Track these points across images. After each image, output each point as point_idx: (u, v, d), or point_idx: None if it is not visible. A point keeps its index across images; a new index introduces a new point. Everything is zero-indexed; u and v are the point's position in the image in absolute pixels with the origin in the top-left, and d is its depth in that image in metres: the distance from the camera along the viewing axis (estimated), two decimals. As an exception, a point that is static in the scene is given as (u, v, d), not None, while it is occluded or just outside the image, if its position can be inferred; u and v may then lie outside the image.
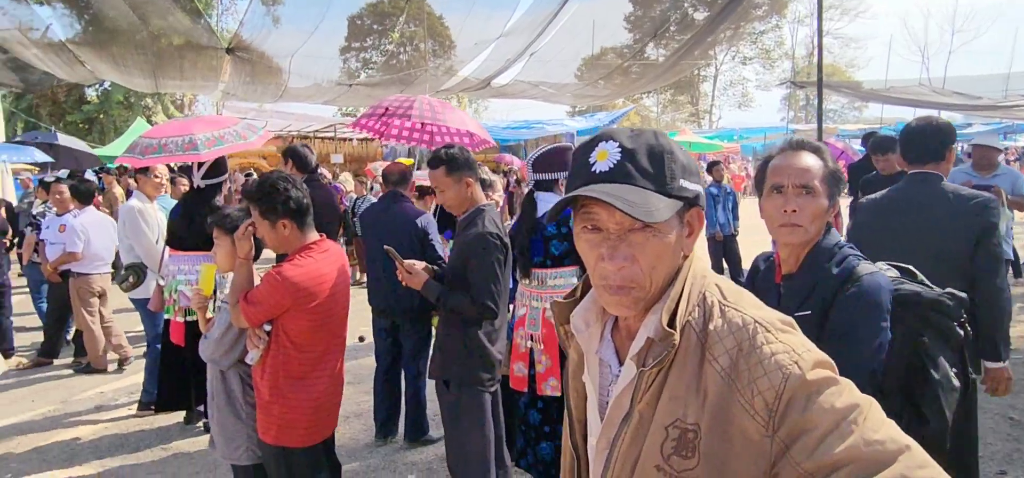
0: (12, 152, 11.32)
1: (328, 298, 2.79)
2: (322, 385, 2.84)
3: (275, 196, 2.75)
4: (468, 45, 13.91)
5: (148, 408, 5.49)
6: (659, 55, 18.06)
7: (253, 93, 16.20)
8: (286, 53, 13.26)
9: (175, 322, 4.96)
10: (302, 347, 2.77)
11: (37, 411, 5.78)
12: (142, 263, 5.36)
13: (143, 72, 13.41)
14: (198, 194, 5.09)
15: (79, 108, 32.33)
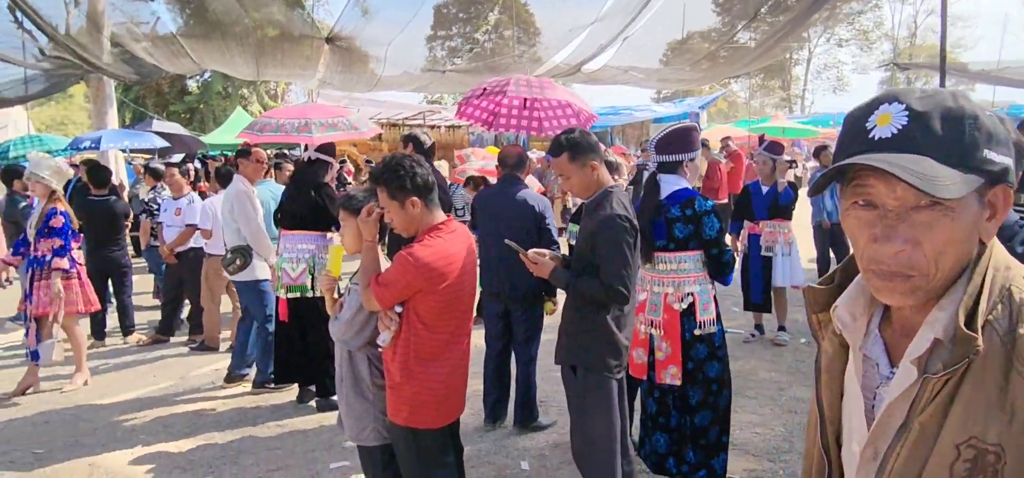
0: (132, 138, 11.89)
1: (457, 278, 2.76)
2: (451, 365, 2.82)
3: (402, 175, 2.73)
4: (561, 31, 13.74)
5: (263, 387, 5.67)
6: (749, 39, 17.45)
7: (348, 82, 16.52)
8: (380, 42, 13.44)
9: (281, 299, 5.13)
10: (433, 328, 2.75)
11: (158, 385, 6.05)
12: (247, 245, 5.52)
13: (245, 60, 13.85)
14: (308, 170, 5.20)
15: (181, 98, 33.91)
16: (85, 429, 5.01)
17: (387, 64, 14.92)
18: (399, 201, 2.76)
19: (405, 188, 2.74)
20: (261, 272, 5.67)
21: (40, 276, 5.76)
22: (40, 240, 5.78)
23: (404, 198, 2.76)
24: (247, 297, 5.78)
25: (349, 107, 20.47)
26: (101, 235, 7.29)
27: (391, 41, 13.34)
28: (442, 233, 2.78)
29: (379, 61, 14.34)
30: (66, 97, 32.90)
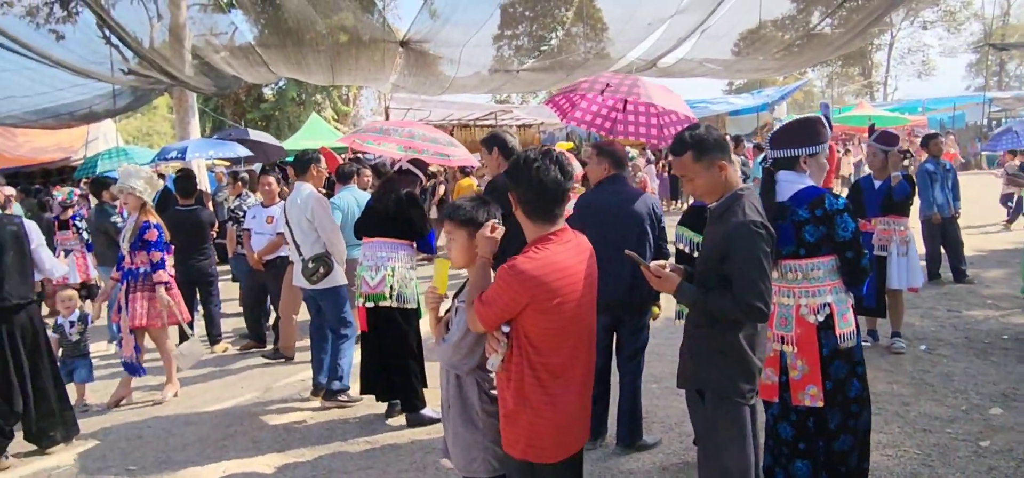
0: (216, 147, 12.09)
1: (571, 293, 2.46)
2: (571, 392, 2.52)
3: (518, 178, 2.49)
4: (639, 25, 13.30)
5: (336, 396, 5.50)
6: (824, 26, 16.58)
7: (422, 85, 16.48)
8: (454, 44, 13.29)
9: (360, 308, 4.99)
10: (545, 350, 2.46)
11: (245, 396, 5.98)
12: (327, 252, 5.37)
13: (320, 67, 13.94)
14: (398, 180, 5.05)
15: (258, 106, 34.77)
16: (176, 445, 4.95)
17: (460, 65, 14.79)
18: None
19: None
20: (342, 278, 5.53)
21: (135, 288, 5.76)
22: (134, 253, 5.79)
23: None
24: (329, 305, 5.61)
25: (422, 109, 20.56)
26: (188, 245, 7.32)
27: (466, 42, 13.19)
28: (552, 243, 2.50)
29: (452, 63, 14.21)
30: (151, 109, 34.16)
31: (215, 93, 20.68)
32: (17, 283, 4.69)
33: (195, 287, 7.46)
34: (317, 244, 5.41)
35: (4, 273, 4.62)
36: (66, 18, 14.67)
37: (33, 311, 4.83)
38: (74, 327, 5.91)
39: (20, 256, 4.73)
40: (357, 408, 5.42)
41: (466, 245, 2.70)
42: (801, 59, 19.62)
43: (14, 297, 4.67)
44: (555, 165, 2.47)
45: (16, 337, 4.69)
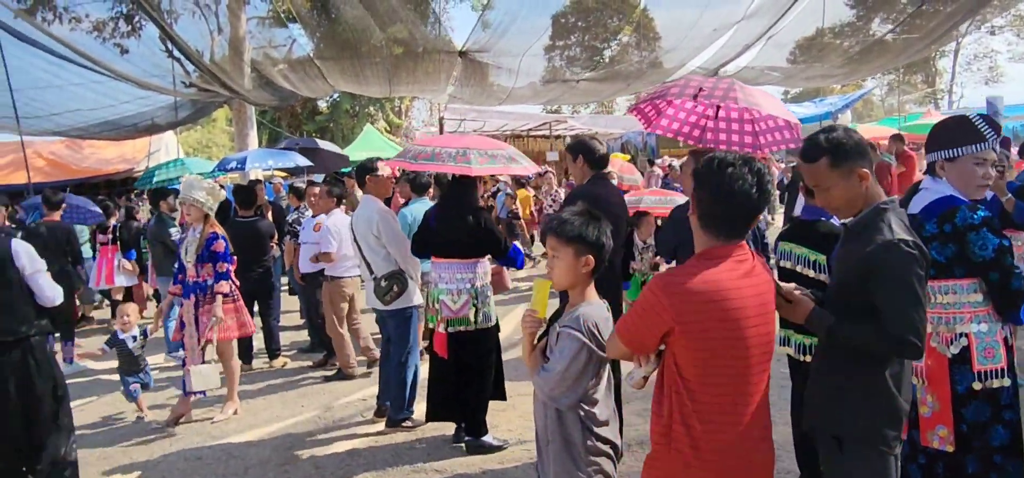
0: (275, 158, 12.03)
1: (733, 323, 2.09)
2: (725, 446, 2.14)
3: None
4: (704, 31, 12.90)
5: (399, 423, 5.24)
6: (887, 34, 15.84)
7: (479, 96, 16.34)
8: (513, 53, 13.08)
9: (439, 334, 4.65)
10: (695, 386, 2.12)
11: (305, 415, 5.78)
12: (401, 270, 5.11)
13: (378, 78, 13.88)
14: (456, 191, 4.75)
15: (313, 118, 35.22)
16: (236, 468, 4.75)
17: (519, 75, 14.58)
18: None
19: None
20: (417, 297, 5.27)
21: (203, 302, 5.62)
22: (201, 265, 5.64)
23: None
24: (394, 326, 5.32)
25: (476, 119, 20.42)
26: (248, 256, 7.16)
27: (524, 52, 12.96)
28: (720, 260, 2.13)
29: (510, 73, 14.00)
30: (210, 121, 34.86)
31: (274, 106, 20.95)
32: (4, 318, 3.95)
33: (255, 299, 7.32)
34: (388, 261, 5.14)
35: None
36: (130, 33, 14.93)
37: (30, 349, 4.04)
38: (136, 342, 5.80)
39: (5, 285, 3.98)
40: (423, 431, 5.15)
41: (571, 265, 2.40)
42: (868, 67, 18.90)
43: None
44: (753, 176, 2.12)
45: (6, 381, 3.94)
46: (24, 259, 4.05)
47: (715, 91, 3.95)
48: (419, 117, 45.00)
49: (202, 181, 5.82)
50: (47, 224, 8.07)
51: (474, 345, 4.65)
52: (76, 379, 7.36)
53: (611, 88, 16.85)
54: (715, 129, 4.29)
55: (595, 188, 4.05)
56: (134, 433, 5.59)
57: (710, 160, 2.18)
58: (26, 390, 3.99)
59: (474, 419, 4.70)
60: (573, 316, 2.40)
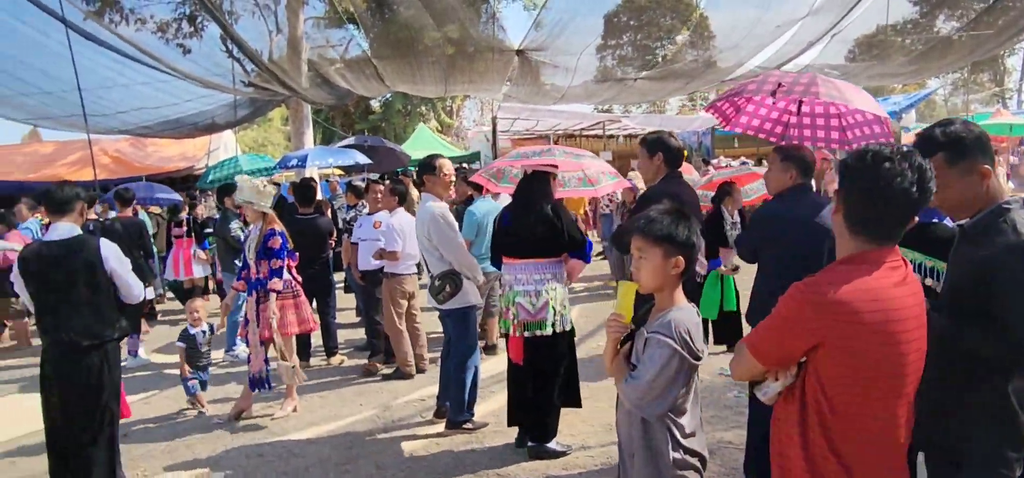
0: (335, 156, 12.07)
1: (888, 332, 1.85)
2: (878, 462, 1.91)
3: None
4: (768, 28, 12.53)
5: (460, 425, 5.15)
6: (948, 30, 15.13)
7: (534, 95, 16.22)
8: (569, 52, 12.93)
9: (514, 339, 4.52)
10: (839, 407, 1.89)
11: (364, 414, 5.74)
12: (455, 270, 5.02)
13: (435, 78, 13.88)
14: (531, 186, 4.61)
15: (366, 118, 35.62)
16: (297, 466, 4.72)
17: (575, 74, 14.42)
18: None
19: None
20: (474, 297, 5.18)
21: (264, 298, 5.64)
22: (260, 262, 5.67)
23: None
24: (453, 325, 5.26)
25: (528, 118, 20.31)
26: (307, 254, 7.18)
27: (582, 51, 12.81)
28: (873, 266, 1.90)
29: (567, 72, 13.84)
30: (266, 121, 35.56)
31: (331, 105, 21.20)
32: (89, 320, 3.91)
33: (313, 297, 7.33)
34: (443, 261, 5.06)
35: (73, 310, 3.89)
36: (193, 33, 15.22)
37: (106, 354, 3.99)
38: (205, 337, 5.86)
39: (93, 288, 3.92)
40: (483, 434, 5.05)
41: (660, 266, 2.25)
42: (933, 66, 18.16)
43: (85, 338, 3.89)
44: (913, 172, 1.86)
45: (81, 383, 3.91)
46: (113, 261, 4.03)
47: (795, 86, 3.75)
48: (470, 117, 45.16)
49: (250, 181, 5.84)
50: (122, 220, 8.35)
51: (549, 349, 4.51)
52: (139, 373, 7.49)
53: (668, 87, 16.52)
54: (799, 125, 4.08)
55: (671, 187, 3.87)
56: (196, 428, 5.63)
57: (862, 154, 1.93)
58: (94, 393, 3.94)
59: (540, 424, 4.57)
60: (664, 321, 2.25)
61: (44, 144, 20.12)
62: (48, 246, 3.94)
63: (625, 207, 9.96)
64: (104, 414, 3.99)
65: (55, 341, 3.90)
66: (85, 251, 3.94)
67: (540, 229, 4.46)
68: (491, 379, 6.27)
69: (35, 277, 3.90)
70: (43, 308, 3.93)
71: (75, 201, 4.04)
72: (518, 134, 21.30)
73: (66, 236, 3.95)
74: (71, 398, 3.90)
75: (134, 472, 4.75)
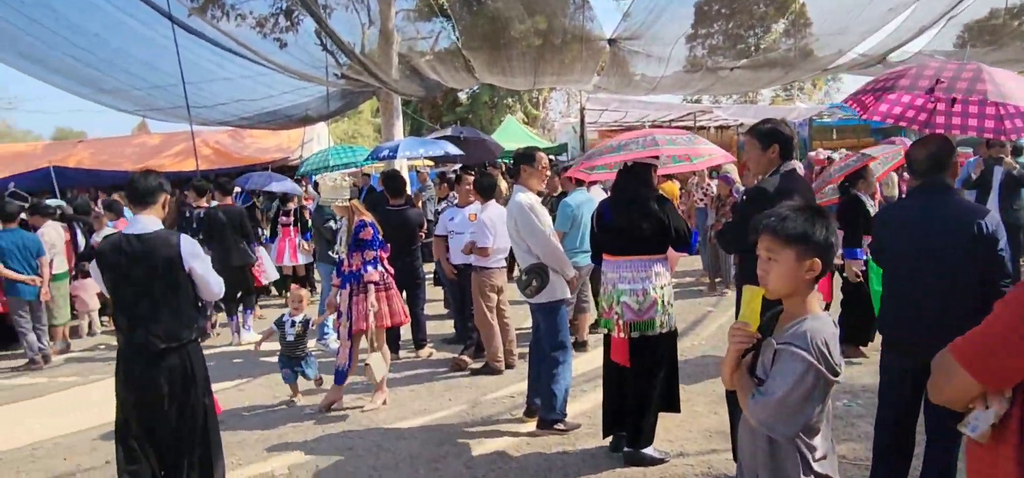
0: (426, 146, 12.07)
1: None
2: None
3: None
4: (878, 11, 11.78)
5: (551, 425, 4.97)
6: None
7: (624, 86, 15.87)
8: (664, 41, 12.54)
9: (618, 339, 4.30)
10: None
11: (453, 409, 5.65)
12: (543, 264, 4.84)
13: (525, 70, 13.75)
14: (631, 179, 4.36)
15: (453, 110, 35.94)
16: (387, 461, 4.66)
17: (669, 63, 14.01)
18: None
19: None
20: (561, 291, 4.99)
21: (357, 291, 5.63)
22: (352, 255, 5.67)
23: None
24: (543, 320, 5.07)
25: (617, 110, 19.92)
26: (397, 245, 7.16)
27: (675, 41, 12.40)
28: None
29: (660, 61, 13.45)
30: (356, 114, 36.33)
31: (421, 97, 21.42)
32: (169, 322, 3.61)
33: (402, 289, 7.32)
34: (530, 254, 4.90)
35: (150, 309, 3.58)
36: (289, 27, 15.60)
37: (187, 355, 3.68)
38: (294, 328, 5.91)
39: (172, 288, 3.62)
40: (576, 436, 4.86)
41: (792, 270, 2.01)
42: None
43: (162, 340, 3.57)
44: None
45: (161, 387, 3.59)
46: (193, 260, 3.68)
47: (957, 83, 3.35)
48: (556, 109, 44.95)
49: (327, 181, 5.89)
50: (223, 207, 8.73)
51: (654, 350, 4.28)
52: (236, 359, 7.67)
53: (764, 77, 15.87)
54: (946, 112, 3.69)
55: (790, 182, 3.54)
56: (289, 418, 5.67)
57: None
58: (181, 398, 3.64)
59: (637, 428, 4.33)
60: (797, 331, 1.99)
61: (151, 136, 21.18)
62: (128, 240, 3.60)
63: (722, 202, 9.52)
64: (196, 412, 3.70)
65: (129, 341, 3.61)
66: (166, 248, 3.61)
67: (646, 225, 4.21)
68: (582, 377, 6.08)
69: (112, 271, 3.60)
70: (119, 305, 3.64)
71: (158, 192, 3.71)
72: (606, 125, 20.92)
73: (147, 230, 3.63)
74: (146, 402, 3.59)
75: (229, 459, 4.80)
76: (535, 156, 5.09)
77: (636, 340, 4.23)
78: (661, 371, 4.33)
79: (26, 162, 18.01)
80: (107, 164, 17.75)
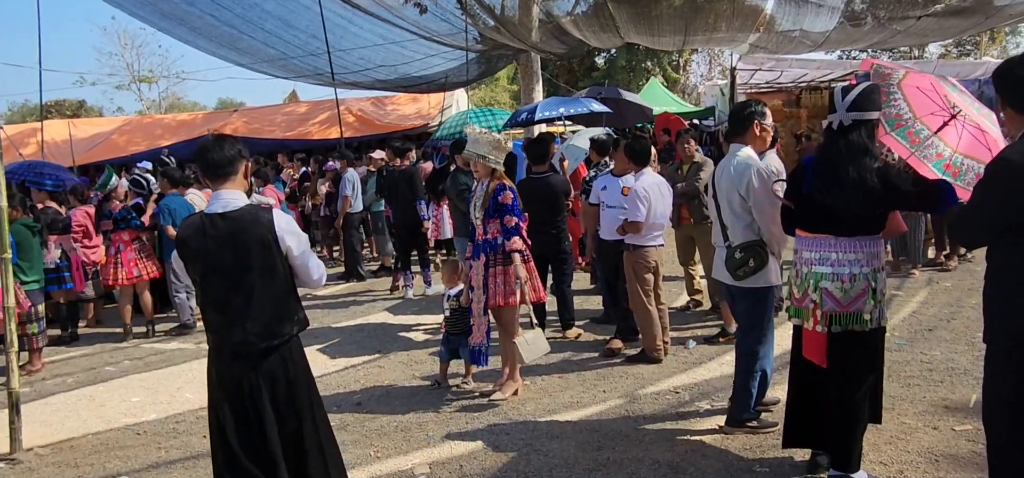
0: (567, 106, 11.11)
1: None
2: None
3: None
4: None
5: (743, 423, 4.25)
6: None
7: (785, 44, 14.51)
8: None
9: (813, 334, 3.51)
10: None
11: (608, 403, 5.03)
12: (760, 241, 4.05)
13: (675, 29, 12.77)
14: (845, 140, 3.40)
15: (589, 75, 35.00)
16: (539, 465, 4.09)
17: (834, 14, 12.57)
18: None
19: None
20: (776, 275, 4.21)
21: (494, 262, 5.09)
22: (488, 221, 5.11)
23: None
24: (745, 308, 4.28)
25: (772, 70, 18.39)
26: (541, 216, 6.56)
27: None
28: None
29: (831, 11, 12.06)
30: (493, 81, 36.21)
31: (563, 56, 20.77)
32: (267, 317, 3.01)
33: (548, 264, 6.75)
34: (749, 230, 4.10)
35: (244, 303, 2.98)
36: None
37: (289, 352, 3.09)
38: (449, 301, 5.51)
39: (269, 277, 3.02)
40: (761, 446, 4.11)
41: None
42: None
43: (261, 339, 2.99)
44: None
45: (261, 392, 2.99)
46: (290, 239, 3.06)
47: None
48: (697, 72, 42.94)
49: (488, 134, 5.24)
50: (397, 169, 9.14)
51: (861, 351, 3.46)
52: (364, 335, 7.42)
53: (954, 26, 13.89)
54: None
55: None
56: (430, 402, 5.27)
57: None
58: (285, 404, 3.05)
59: (847, 449, 3.52)
60: None
61: (300, 105, 21.82)
62: (211, 222, 2.98)
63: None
64: (302, 415, 3.10)
65: (222, 344, 3.05)
66: (256, 225, 2.99)
67: (860, 205, 3.34)
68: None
69: (195, 260, 3.02)
70: (208, 300, 3.06)
71: (238, 160, 3.08)
72: (757, 87, 19.40)
73: (231, 207, 3.01)
74: (244, 413, 3.00)
75: (367, 450, 4.44)
76: (766, 112, 4.32)
77: (837, 335, 3.42)
78: (870, 376, 3.49)
79: (189, 130, 18.98)
80: (259, 132, 18.39)
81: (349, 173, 10.54)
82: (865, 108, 3.34)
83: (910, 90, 3.62)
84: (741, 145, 4.24)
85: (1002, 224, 2.61)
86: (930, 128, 3.43)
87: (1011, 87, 2.67)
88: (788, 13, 13.20)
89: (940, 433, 4.11)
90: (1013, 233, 2.59)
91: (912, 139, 3.52)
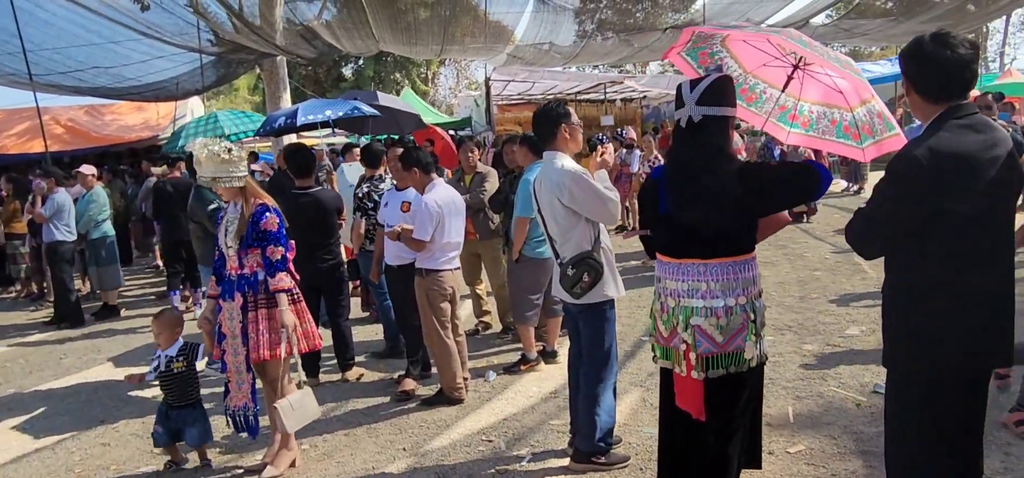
0: (334, 108, 9.54)
1: None
2: None
3: None
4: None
5: (589, 459, 3.76)
6: None
7: (540, 57, 14.80)
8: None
9: (688, 381, 2.95)
10: None
11: (408, 463, 4.22)
12: (591, 253, 3.53)
13: (433, 36, 12.33)
14: (704, 140, 2.92)
15: (337, 85, 33.78)
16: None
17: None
18: None
19: None
20: (613, 287, 3.73)
21: (253, 305, 4.00)
22: (246, 253, 3.99)
23: None
24: (584, 326, 3.81)
25: (525, 81, 18.75)
26: (311, 239, 5.52)
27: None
28: None
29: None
30: (232, 91, 33.49)
31: (313, 61, 19.33)
32: None
33: (319, 295, 5.74)
34: (579, 243, 3.62)
35: None
36: (153, -15, 13.37)
37: None
38: (156, 366, 4.25)
39: None
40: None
41: None
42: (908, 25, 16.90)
43: None
44: None
45: None
46: None
47: None
48: (445, 84, 43.41)
49: (206, 147, 3.93)
50: (172, 180, 8.39)
51: (739, 390, 2.95)
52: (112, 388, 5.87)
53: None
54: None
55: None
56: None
57: None
58: None
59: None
60: None
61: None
62: None
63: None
64: None
65: None
66: None
67: (728, 214, 2.88)
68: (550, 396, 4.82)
69: None
70: None
71: None
72: (509, 99, 19.68)
73: None
74: None
75: None
76: (571, 112, 3.84)
77: (715, 381, 2.92)
78: (745, 420, 3.07)
79: None
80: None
81: (59, 194, 8.54)
82: (718, 102, 2.85)
83: (735, 44, 3.33)
84: (554, 152, 3.74)
85: (909, 232, 2.28)
86: (766, 81, 3.19)
87: (918, 67, 2.34)
88: (532, 29, 13.51)
89: (776, 460, 3.84)
90: (914, 241, 2.27)
91: (747, 97, 3.25)
